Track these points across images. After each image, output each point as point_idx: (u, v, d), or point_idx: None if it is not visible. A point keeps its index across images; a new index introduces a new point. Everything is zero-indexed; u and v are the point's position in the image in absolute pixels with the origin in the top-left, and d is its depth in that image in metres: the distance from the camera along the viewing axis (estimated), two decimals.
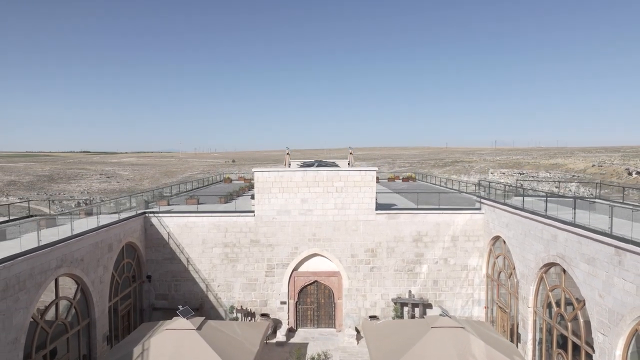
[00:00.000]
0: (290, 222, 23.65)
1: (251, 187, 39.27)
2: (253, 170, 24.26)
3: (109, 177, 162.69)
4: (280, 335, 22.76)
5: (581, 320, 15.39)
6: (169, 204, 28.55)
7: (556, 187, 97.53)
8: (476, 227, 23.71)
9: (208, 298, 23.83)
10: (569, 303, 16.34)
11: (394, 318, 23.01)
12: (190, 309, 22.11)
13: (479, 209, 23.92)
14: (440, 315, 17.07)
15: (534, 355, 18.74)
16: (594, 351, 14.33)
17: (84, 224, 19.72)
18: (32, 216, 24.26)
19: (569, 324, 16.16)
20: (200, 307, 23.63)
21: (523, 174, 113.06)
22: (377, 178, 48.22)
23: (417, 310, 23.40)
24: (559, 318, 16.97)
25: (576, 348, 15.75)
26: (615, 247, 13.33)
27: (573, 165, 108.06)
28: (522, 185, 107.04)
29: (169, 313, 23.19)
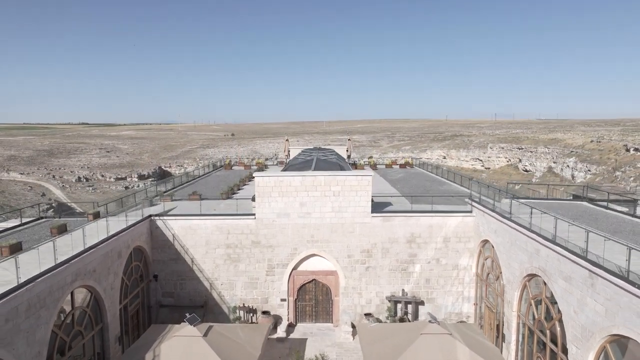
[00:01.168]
0: (290, 224, 24.73)
1: (251, 177, 40.26)
2: (254, 174, 25.22)
3: (108, 152, 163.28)
4: (281, 331, 24.22)
5: (558, 329, 16.64)
6: (172, 200, 29.70)
7: (554, 162, 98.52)
8: (467, 229, 24.80)
9: (212, 296, 25.16)
10: (549, 312, 17.58)
11: (387, 316, 24.44)
12: (195, 309, 23.61)
13: (470, 211, 24.93)
14: (430, 322, 18.33)
15: (516, 355, 20.15)
16: None
17: (93, 228, 20.85)
18: (41, 218, 25.36)
19: (548, 332, 17.45)
20: (205, 304, 25.01)
21: (522, 148, 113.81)
22: (375, 165, 49.26)
23: (410, 307, 24.81)
24: (539, 325, 18.26)
25: (554, 354, 17.08)
26: (589, 270, 14.41)
27: (572, 141, 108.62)
28: (520, 160, 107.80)
29: (176, 310, 24.69)
